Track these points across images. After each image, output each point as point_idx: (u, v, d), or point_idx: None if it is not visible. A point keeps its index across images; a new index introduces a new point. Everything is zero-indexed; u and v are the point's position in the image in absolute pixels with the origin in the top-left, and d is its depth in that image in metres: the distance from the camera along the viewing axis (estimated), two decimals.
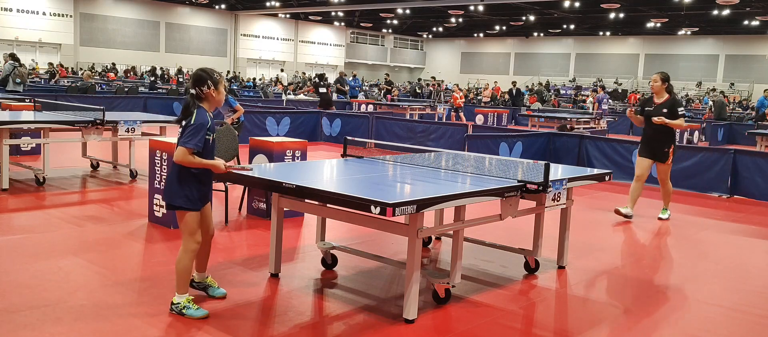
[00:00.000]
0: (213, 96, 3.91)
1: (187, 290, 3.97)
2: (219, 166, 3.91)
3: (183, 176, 3.88)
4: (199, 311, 3.91)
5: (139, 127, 8.16)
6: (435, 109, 23.29)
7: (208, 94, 3.89)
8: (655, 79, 7.46)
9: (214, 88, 3.90)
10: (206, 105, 3.92)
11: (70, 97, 16.12)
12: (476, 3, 32.09)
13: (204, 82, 3.88)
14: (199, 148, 3.80)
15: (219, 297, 4.22)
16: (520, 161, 5.24)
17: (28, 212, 6.53)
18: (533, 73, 46.88)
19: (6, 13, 33.34)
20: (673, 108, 7.31)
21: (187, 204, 3.89)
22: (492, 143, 11.45)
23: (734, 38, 40.82)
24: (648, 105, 7.52)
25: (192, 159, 3.79)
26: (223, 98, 4.02)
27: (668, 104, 7.35)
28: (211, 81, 3.89)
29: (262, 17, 44.03)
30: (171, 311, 3.94)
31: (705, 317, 4.50)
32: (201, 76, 3.89)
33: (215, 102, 3.96)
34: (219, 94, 3.94)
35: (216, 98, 3.94)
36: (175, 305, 3.92)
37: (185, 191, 3.88)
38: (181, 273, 3.92)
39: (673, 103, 7.37)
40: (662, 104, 7.37)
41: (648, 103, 7.56)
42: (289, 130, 14.45)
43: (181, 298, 3.92)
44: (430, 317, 4.14)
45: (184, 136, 3.78)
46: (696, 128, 18.31)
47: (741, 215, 8.53)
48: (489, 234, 6.13)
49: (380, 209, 3.51)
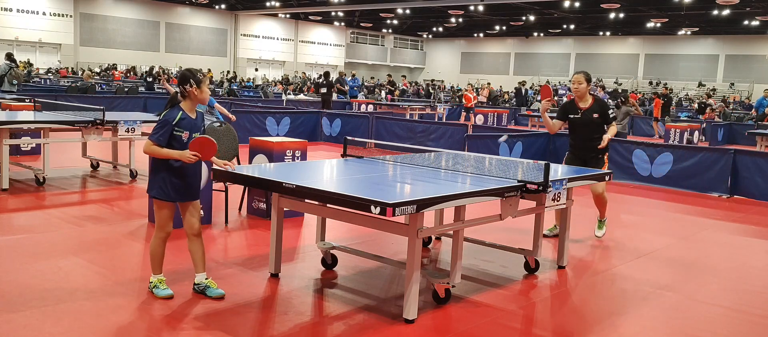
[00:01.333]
0: (195, 94, 4.14)
1: (160, 271, 4.29)
2: (184, 156, 4.05)
3: (156, 167, 4.17)
4: (165, 291, 4.20)
5: (139, 127, 8.16)
6: (435, 109, 23.28)
7: (190, 92, 4.14)
8: (579, 81, 6.28)
9: (196, 87, 4.13)
10: (188, 103, 4.17)
11: (70, 97, 16.12)
12: (476, 3, 32.08)
13: (187, 81, 4.13)
14: (161, 142, 4.05)
15: (215, 297, 4.24)
16: (520, 161, 5.24)
17: (28, 212, 6.53)
18: (533, 73, 46.86)
19: (6, 13, 33.33)
20: (603, 112, 6.29)
21: (159, 194, 4.15)
22: (492, 143, 11.45)
23: (734, 38, 40.81)
24: (571, 111, 6.40)
25: (155, 149, 4.05)
26: (207, 97, 4.24)
27: (597, 109, 6.28)
28: (194, 80, 4.13)
29: (262, 17, 44.01)
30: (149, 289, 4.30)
31: (705, 317, 4.50)
32: (185, 75, 4.16)
33: (198, 100, 4.19)
34: (201, 93, 4.16)
35: (198, 97, 4.16)
36: (150, 283, 4.29)
37: (158, 182, 4.15)
38: (152, 256, 4.26)
39: (601, 106, 6.33)
40: (590, 109, 6.29)
41: (571, 108, 6.41)
42: (289, 130, 14.45)
43: (154, 278, 4.27)
44: (430, 317, 4.14)
45: (153, 131, 4.10)
46: (696, 128, 18.32)
47: (741, 215, 8.52)
48: (489, 234, 6.13)
49: (380, 209, 3.51)
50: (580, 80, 6.29)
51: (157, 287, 4.23)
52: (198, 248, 4.27)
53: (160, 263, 4.28)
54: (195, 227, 4.25)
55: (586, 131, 6.29)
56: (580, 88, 6.29)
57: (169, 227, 4.22)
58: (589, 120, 6.28)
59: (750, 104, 31.78)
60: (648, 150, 10.77)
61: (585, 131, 6.30)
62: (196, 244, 4.26)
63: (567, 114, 6.44)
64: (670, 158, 10.53)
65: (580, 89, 6.29)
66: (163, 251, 4.26)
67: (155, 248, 4.23)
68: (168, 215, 4.19)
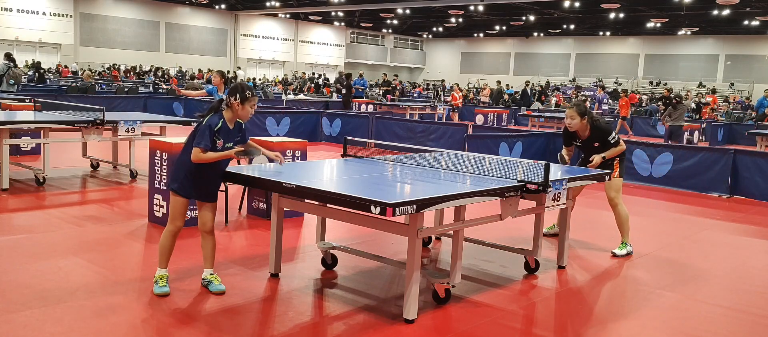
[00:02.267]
0: (236, 109, 4.23)
1: (166, 266, 4.32)
2: (230, 154, 4.23)
3: (183, 164, 4.24)
4: (161, 289, 4.25)
5: (139, 127, 8.16)
6: (435, 109, 23.29)
7: (233, 104, 4.22)
8: (572, 116, 5.85)
9: (239, 103, 4.21)
10: (229, 113, 4.25)
11: (70, 97, 16.12)
12: (476, 3, 32.08)
13: (235, 94, 4.21)
14: (209, 148, 4.13)
15: (215, 292, 4.35)
16: (520, 161, 5.24)
17: (28, 212, 6.53)
18: (533, 73, 46.86)
19: (6, 13, 33.33)
20: (603, 140, 5.94)
21: (179, 190, 4.23)
22: (492, 143, 11.45)
23: (734, 38, 40.80)
24: (573, 138, 6.11)
25: (205, 156, 4.12)
26: (249, 115, 4.32)
27: (597, 137, 5.94)
28: (241, 95, 4.21)
29: (262, 17, 44.01)
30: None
31: (705, 317, 4.50)
32: (235, 88, 4.25)
33: (238, 115, 4.27)
34: (243, 110, 4.24)
35: (239, 113, 4.25)
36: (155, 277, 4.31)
37: (181, 178, 4.23)
38: (161, 249, 4.30)
39: (601, 134, 5.94)
40: (589, 139, 5.97)
41: (571, 137, 6.12)
42: (289, 130, 14.45)
43: (159, 271, 4.30)
44: (430, 317, 4.14)
45: (195, 138, 4.16)
46: (696, 128, 18.32)
47: (741, 215, 8.52)
48: (489, 234, 6.13)
49: (380, 209, 3.51)
50: (573, 116, 5.85)
51: (157, 282, 4.29)
52: (208, 244, 4.41)
53: (167, 258, 4.32)
54: (208, 224, 4.37)
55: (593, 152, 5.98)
56: (573, 124, 5.88)
57: (181, 221, 4.28)
58: (591, 147, 5.99)
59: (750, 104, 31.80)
60: (648, 150, 10.77)
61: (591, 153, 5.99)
62: (208, 240, 4.40)
63: (571, 140, 6.12)
64: (670, 158, 10.53)
65: (573, 125, 5.88)
66: (171, 246, 4.30)
67: (164, 241, 4.29)
68: (182, 210, 4.26)
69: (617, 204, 6.01)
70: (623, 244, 6.03)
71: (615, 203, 6.02)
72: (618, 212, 6.02)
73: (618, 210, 6.02)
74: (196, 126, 4.23)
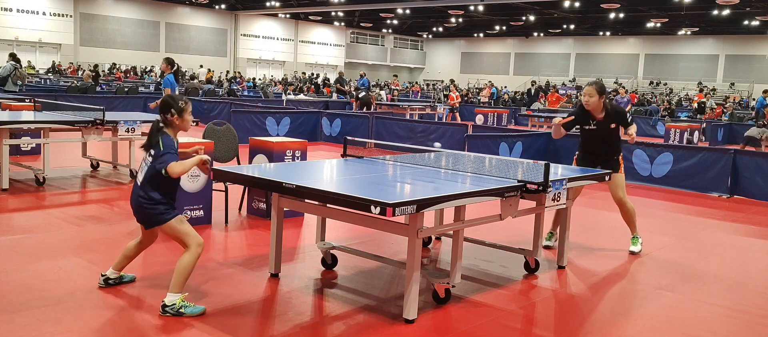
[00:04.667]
0: (176, 123, 4.10)
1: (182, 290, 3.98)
2: (202, 158, 4.11)
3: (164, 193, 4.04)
4: (197, 308, 3.95)
5: (139, 127, 8.16)
6: (435, 109, 23.30)
7: (172, 120, 4.08)
8: (590, 93, 5.75)
9: (178, 116, 4.08)
10: (171, 131, 4.10)
11: (70, 97, 16.11)
12: (476, 3, 32.09)
13: (168, 110, 4.07)
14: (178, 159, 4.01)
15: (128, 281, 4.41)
16: (520, 161, 5.24)
17: (28, 212, 6.53)
18: (533, 73, 46.88)
19: (6, 13, 33.35)
20: (621, 119, 5.92)
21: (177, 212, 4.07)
22: (492, 143, 11.45)
23: (734, 38, 40.83)
24: (585, 122, 5.96)
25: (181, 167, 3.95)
26: (188, 126, 4.19)
27: (613, 118, 5.89)
28: (175, 109, 4.07)
29: (262, 17, 44.03)
30: (163, 314, 3.89)
31: (705, 317, 4.50)
32: (167, 103, 4.09)
33: (179, 128, 4.14)
34: (183, 122, 4.12)
35: (179, 126, 4.12)
36: (170, 306, 3.89)
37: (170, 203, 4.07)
38: (185, 273, 3.96)
39: (618, 114, 5.93)
40: (606, 119, 5.88)
41: (584, 119, 5.96)
42: (289, 130, 14.45)
43: (179, 297, 3.92)
44: (430, 317, 4.14)
45: (161, 162, 3.94)
46: (696, 128, 18.33)
47: (741, 215, 8.52)
48: (489, 234, 6.13)
49: (380, 209, 3.51)
50: (591, 93, 5.75)
51: (183, 307, 3.91)
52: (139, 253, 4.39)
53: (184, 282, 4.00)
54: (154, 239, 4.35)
55: (604, 142, 5.93)
56: (591, 102, 5.76)
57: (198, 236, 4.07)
58: (605, 132, 5.88)
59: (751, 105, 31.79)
60: (648, 150, 10.77)
61: (602, 142, 5.94)
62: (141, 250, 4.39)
63: (579, 124, 5.97)
64: (670, 158, 10.53)
65: (591, 103, 5.77)
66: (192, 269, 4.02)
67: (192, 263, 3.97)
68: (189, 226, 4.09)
69: (625, 202, 6.02)
70: (635, 238, 6.10)
71: (623, 202, 6.02)
72: (626, 209, 6.04)
73: (626, 207, 6.03)
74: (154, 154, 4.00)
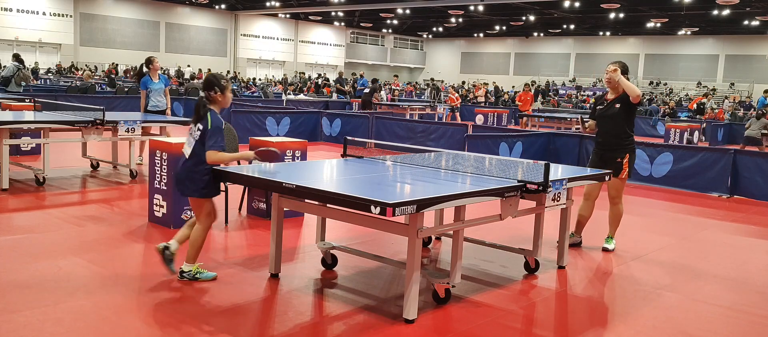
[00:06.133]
0: (219, 99, 4.44)
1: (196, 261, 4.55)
2: (249, 155, 4.58)
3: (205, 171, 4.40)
4: (210, 274, 4.57)
5: (139, 127, 8.16)
6: (435, 109, 23.30)
7: (215, 97, 4.43)
8: (614, 68, 5.79)
9: (220, 93, 4.43)
10: (215, 107, 4.45)
11: (70, 97, 16.11)
12: (476, 3, 32.09)
13: (212, 87, 4.42)
14: (224, 148, 4.36)
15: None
16: (520, 161, 5.24)
17: (28, 212, 6.53)
18: (533, 73, 46.89)
19: (6, 13, 33.35)
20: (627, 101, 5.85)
21: (214, 192, 4.47)
22: (492, 143, 11.45)
23: (734, 38, 40.83)
24: (599, 102, 6.11)
25: (223, 156, 4.35)
26: (229, 103, 4.56)
27: (622, 98, 5.86)
28: (218, 86, 4.42)
29: (262, 17, 44.03)
30: (181, 278, 4.50)
31: (705, 317, 4.50)
32: (210, 81, 4.45)
33: (221, 104, 4.48)
34: (225, 99, 4.48)
35: (221, 102, 4.47)
36: (187, 272, 4.50)
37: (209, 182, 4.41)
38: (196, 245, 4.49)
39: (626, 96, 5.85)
40: (615, 100, 5.91)
41: (599, 100, 6.14)
42: (289, 130, 14.45)
43: (195, 266, 4.52)
44: (430, 317, 4.14)
45: (209, 141, 4.31)
46: (696, 128, 18.33)
47: (741, 215, 8.53)
48: (489, 234, 6.13)
49: (380, 209, 3.51)
50: (615, 68, 5.79)
51: (198, 272, 4.51)
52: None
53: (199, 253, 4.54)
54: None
55: (609, 125, 5.94)
56: (613, 77, 5.78)
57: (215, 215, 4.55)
58: (612, 112, 5.90)
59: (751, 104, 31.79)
60: (648, 150, 10.77)
61: (607, 125, 5.96)
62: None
63: (596, 107, 6.13)
64: (670, 158, 10.53)
65: (614, 77, 5.78)
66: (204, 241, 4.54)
67: (202, 237, 4.48)
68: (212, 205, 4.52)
69: (618, 204, 6.13)
70: (610, 238, 6.24)
71: (616, 202, 6.12)
72: (617, 210, 6.14)
73: (617, 209, 6.14)
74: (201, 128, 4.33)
